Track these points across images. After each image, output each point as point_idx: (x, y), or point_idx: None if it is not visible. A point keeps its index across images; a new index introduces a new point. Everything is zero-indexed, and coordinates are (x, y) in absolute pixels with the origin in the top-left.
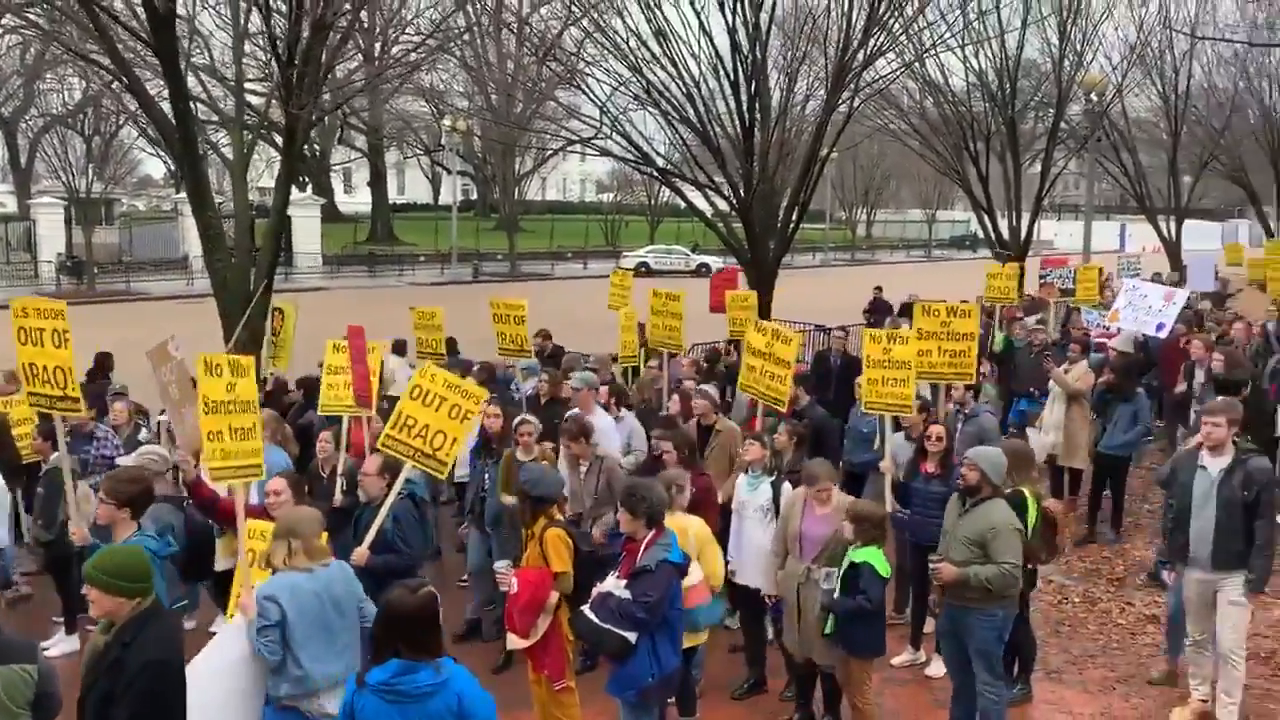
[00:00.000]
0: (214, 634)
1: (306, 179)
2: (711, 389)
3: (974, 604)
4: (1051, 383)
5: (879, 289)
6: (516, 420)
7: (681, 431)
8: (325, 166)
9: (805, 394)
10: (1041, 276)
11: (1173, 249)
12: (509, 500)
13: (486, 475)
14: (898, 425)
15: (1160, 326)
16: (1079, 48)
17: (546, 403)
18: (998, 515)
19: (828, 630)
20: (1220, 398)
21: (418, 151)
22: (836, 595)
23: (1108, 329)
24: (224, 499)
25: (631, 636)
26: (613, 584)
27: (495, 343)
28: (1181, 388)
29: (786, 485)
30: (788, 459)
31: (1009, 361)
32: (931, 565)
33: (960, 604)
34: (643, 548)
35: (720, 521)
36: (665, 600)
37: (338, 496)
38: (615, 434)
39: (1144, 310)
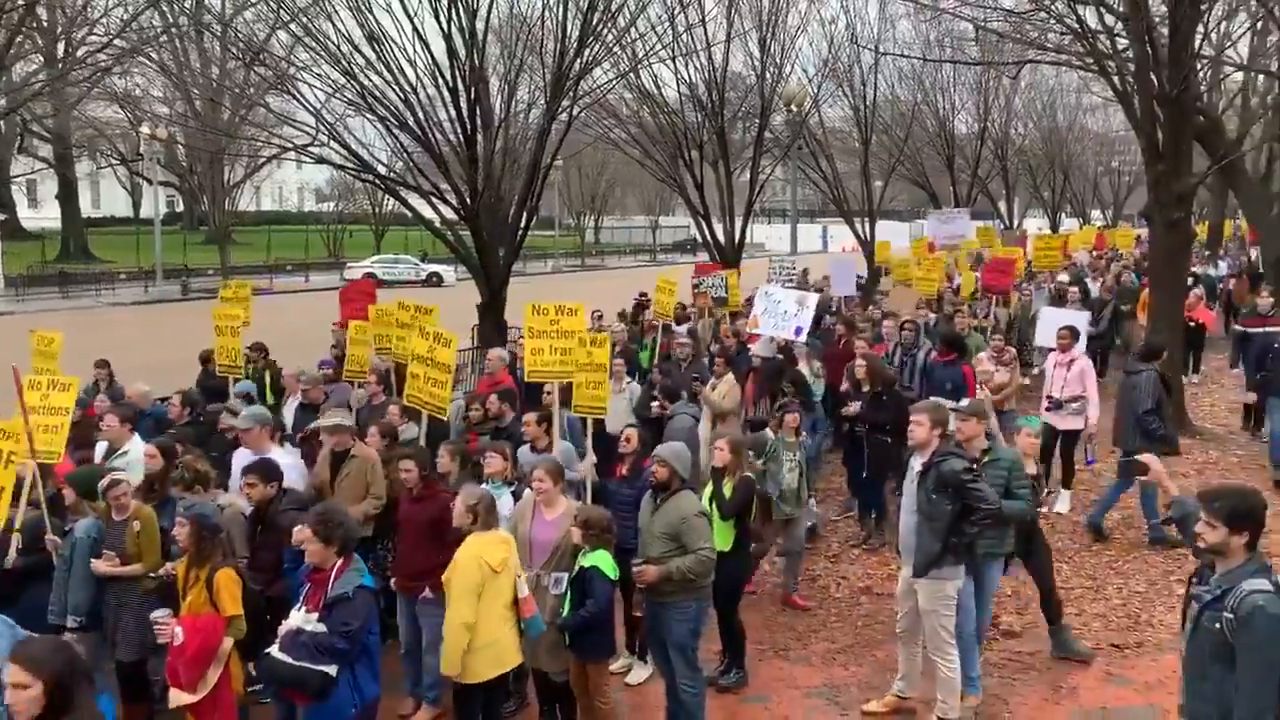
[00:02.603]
0: None
1: None
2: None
3: (669, 599)
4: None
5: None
6: (107, 482)
7: (423, 450)
8: (4, 178)
9: (510, 410)
10: (695, 285)
11: (868, 248)
12: (100, 566)
13: None
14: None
15: (799, 330)
16: (779, 61)
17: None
18: (686, 505)
19: (567, 643)
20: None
21: (113, 161)
22: (565, 611)
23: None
24: None
25: (332, 670)
26: (300, 618)
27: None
28: (846, 386)
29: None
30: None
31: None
32: (634, 569)
33: (658, 600)
34: (333, 576)
35: None
36: (365, 628)
37: (11, 555)
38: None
39: (780, 316)
